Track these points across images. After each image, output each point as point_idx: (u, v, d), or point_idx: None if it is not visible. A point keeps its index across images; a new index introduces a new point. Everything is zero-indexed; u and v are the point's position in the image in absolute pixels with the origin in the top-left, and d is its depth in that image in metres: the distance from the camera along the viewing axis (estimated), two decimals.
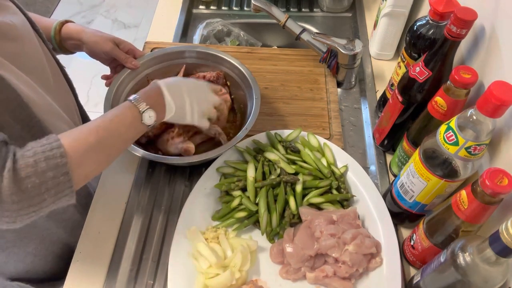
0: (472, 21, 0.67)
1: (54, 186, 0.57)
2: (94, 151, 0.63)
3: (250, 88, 0.93)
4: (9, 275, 0.88)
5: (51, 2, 3.03)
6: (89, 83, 2.53)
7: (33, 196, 0.56)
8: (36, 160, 0.56)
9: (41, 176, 0.56)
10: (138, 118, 0.70)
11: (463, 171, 0.67)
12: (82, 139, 0.62)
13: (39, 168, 0.56)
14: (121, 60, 0.93)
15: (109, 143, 0.66)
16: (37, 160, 0.56)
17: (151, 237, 0.85)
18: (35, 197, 0.56)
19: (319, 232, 0.78)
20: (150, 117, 0.71)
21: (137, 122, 0.70)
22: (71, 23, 0.92)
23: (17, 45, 0.70)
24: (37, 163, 0.56)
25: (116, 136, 0.67)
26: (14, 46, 0.69)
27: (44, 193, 0.56)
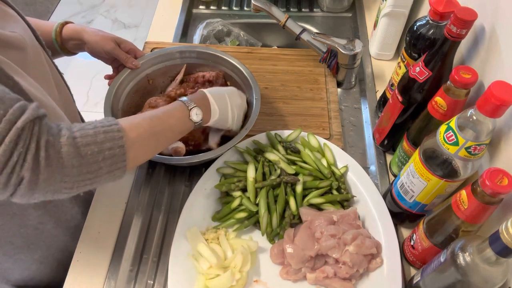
0: (472, 21, 0.67)
1: (110, 157, 0.61)
2: (146, 136, 0.68)
3: (250, 88, 0.93)
4: (14, 282, 0.88)
5: (51, 2, 3.03)
6: (89, 83, 2.53)
7: (91, 163, 0.59)
8: (95, 132, 0.60)
9: (100, 146, 0.60)
10: (186, 114, 0.76)
11: (463, 171, 0.67)
12: (137, 123, 0.67)
13: (98, 138, 0.60)
14: (121, 60, 0.93)
15: (159, 131, 0.70)
16: (97, 131, 0.60)
17: (151, 237, 0.85)
18: (93, 164, 0.59)
19: (319, 233, 0.78)
20: (197, 115, 0.77)
21: (186, 117, 0.76)
22: (71, 23, 0.92)
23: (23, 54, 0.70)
24: (97, 134, 0.60)
25: (166, 126, 0.72)
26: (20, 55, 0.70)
27: (101, 162, 0.60)
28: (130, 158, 0.64)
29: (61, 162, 0.56)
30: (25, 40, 0.72)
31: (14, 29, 0.70)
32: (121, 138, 0.62)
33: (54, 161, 0.56)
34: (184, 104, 0.77)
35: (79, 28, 0.91)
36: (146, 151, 0.69)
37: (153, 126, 0.69)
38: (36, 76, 0.73)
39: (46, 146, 0.56)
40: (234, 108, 0.86)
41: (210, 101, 0.81)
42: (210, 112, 0.81)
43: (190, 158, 0.85)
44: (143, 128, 0.67)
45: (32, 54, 0.74)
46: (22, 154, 0.54)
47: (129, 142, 0.64)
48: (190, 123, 0.77)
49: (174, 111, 0.75)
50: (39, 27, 0.87)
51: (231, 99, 0.86)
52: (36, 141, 0.55)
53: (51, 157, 0.56)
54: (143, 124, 0.68)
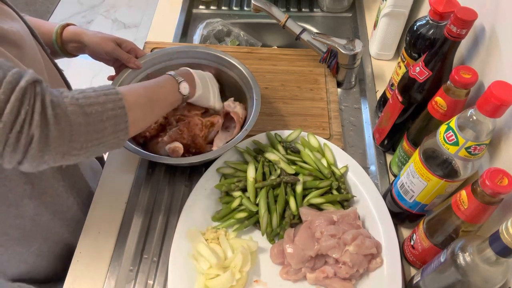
0: (472, 21, 0.67)
1: (113, 117, 0.63)
2: (143, 101, 0.71)
3: (251, 88, 0.93)
4: (11, 276, 0.88)
5: (51, 2, 3.03)
6: (89, 83, 2.53)
7: (97, 121, 0.61)
8: (97, 94, 0.63)
9: (102, 106, 0.62)
10: (175, 87, 0.81)
11: (463, 171, 0.67)
12: (133, 90, 0.72)
13: (100, 99, 0.62)
14: (123, 60, 0.93)
15: (154, 99, 0.74)
16: (98, 94, 0.63)
17: (151, 237, 0.85)
18: (98, 124, 0.61)
19: (319, 233, 0.78)
20: (185, 88, 0.83)
21: (175, 90, 0.81)
22: (72, 25, 0.92)
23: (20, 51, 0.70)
24: (98, 96, 0.63)
25: (159, 95, 0.77)
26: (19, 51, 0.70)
27: (105, 121, 0.62)
28: (131, 120, 0.66)
29: (68, 120, 0.58)
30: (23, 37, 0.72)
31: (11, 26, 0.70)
32: (121, 99, 0.65)
33: (62, 118, 0.57)
34: (173, 78, 0.82)
35: (79, 31, 0.91)
36: (144, 116, 0.72)
37: (147, 93, 0.73)
38: None
39: (52, 104, 0.57)
40: (214, 87, 0.94)
41: (195, 77, 0.87)
42: (195, 87, 0.87)
43: (190, 158, 0.85)
44: (139, 94, 0.71)
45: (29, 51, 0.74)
46: (29, 112, 0.54)
47: (128, 104, 0.66)
48: (179, 95, 0.82)
49: (165, 83, 0.80)
50: (40, 27, 0.87)
51: (210, 80, 0.94)
52: (41, 100, 0.56)
53: (59, 115, 0.57)
54: (139, 90, 0.72)
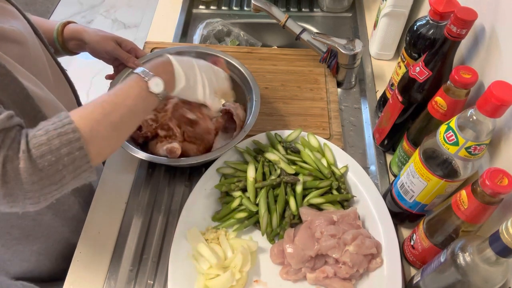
0: (472, 21, 0.67)
1: (71, 162, 0.57)
2: (102, 126, 0.61)
3: (250, 89, 0.93)
4: (14, 274, 0.88)
5: (51, 2, 3.03)
6: (89, 83, 2.53)
7: (51, 174, 0.56)
8: (49, 138, 0.56)
9: (56, 153, 0.56)
10: (144, 88, 0.67)
11: (463, 171, 0.67)
12: (88, 115, 0.61)
13: (53, 146, 0.56)
14: (122, 60, 0.93)
15: (116, 117, 0.63)
16: (50, 137, 0.56)
17: (151, 237, 0.85)
18: (54, 175, 0.56)
19: (319, 233, 0.78)
20: (157, 85, 0.68)
21: (145, 92, 0.67)
22: (73, 23, 0.92)
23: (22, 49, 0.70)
24: (50, 140, 0.56)
25: (123, 109, 0.64)
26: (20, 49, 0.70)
27: (62, 170, 0.56)
28: (93, 155, 0.59)
29: (19, 178, 0.54)
30: (25, 36, 0.72)
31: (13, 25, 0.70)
32: (79, 139, 0.57)
33: (11, 177, 0.53)
34: (139, 76, 0.68)
35: (80, 29, 0.91)
36: (109, 143, 0.64)
37: (106, 114, 0.62)
38: (34, 72, 0.73)
39: (4, 161, 0.53)
40: (206, 78, 0.78)
41: (175, 65, 0.73)
42: (174, 79, 0.72)
43: (190, 159, 0.85)
44: (95, 120, 0.61)
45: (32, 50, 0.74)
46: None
47: (88, 138, 0.58)
48: (152, 96, 0.68)
49: (129, 89, 0.67)
50: (41, 25, 0.88)
51: (202, 68, 0.78)
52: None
53: (8, 173, 0.53)
54: (94, 115, 0.61)
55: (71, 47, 0.93)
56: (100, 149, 0.61)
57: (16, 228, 0.79)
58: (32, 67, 0.72)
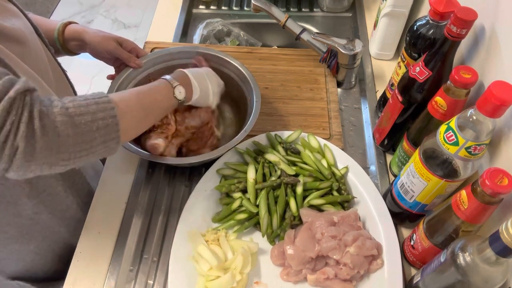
0: (472, 21, 0.67)
1: (103, 127, 0.62)
2: (136, 108, 0.69)
3: (251, 89, 0.93)
4: (9, 274, 0.88)
5: (51, 2, 3.03)
6: (89, 83, 2.53)
7: (86, 132, 0.60)
8: (87, 103, 0.61)
9: (93, 115, 0.61)
10: (171, 91, 0.78)
11: (463, 171, 0.67)
12: (126, 97, 0.70)
13: (91, 109, 0.61)
14: (124, 60, 0.93)
15: (147, 105, 0.73)
16: (89, 102, 0.61)
17: (151, 237, 0.85)
18: (88, 134, 0.60)
19: (320, 234, 0.78)
20: (181, 93, 0.79)
21: (170, 94, 0.78)
22: (74, 24, 0.92)
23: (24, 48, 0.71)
24: (89, 105, 0.61)
25: (153, 101, 0.75)
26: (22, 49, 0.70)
27: (95, 132, 0.61)
28: (122, 129, 0.65)
29: (56, 131, 0.57)
30: (26, 35, 0.72)
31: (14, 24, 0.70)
32: (113, 108, 0.63)
33: (49, 130, 0.56)
34: (168, 82, 0.79)
35: (81, 29, 0.91)
36: (136, 124, 0.71)
37: (141, 100, 0.72)
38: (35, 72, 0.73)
39: (40, 115, 0.56)
40: (214, 86, 0.89)
41: (191, 80, 0.83)
42: (192, 90, 0.83)
43: (190, 159, 0.85)
44: (132, 101, 0.69)
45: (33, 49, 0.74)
46: (15, 123, 0.54)
47: (120, 113, 0.64)
48: (175, 100, 0.79)
49: (160, 88, 0.77)
50: (42, 25, 0.88)
51: (210, 78, 0.89)
52: (29, 110, 0.55)
53: (46, 126, 0.56)
54: (131, 98, 0.70)
55: (72, 48, 0.93)
56: (128, 126, 0.68)
57: (13, 227, 0.79)
58: (34, 67, 0.72)
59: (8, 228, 0.79)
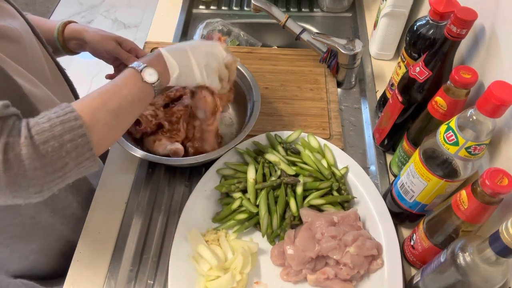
0: (472, 21, 0.67)
1: (73, 149, 0.57)
2: (101, 114, 0.62)
3: (251, 90, 0.93)
4: (13, 272, 0.88)
5: (51, 2, 3.04)
6: (89, 83, 2.53)
7: (55, 160, 0.56)
8: (51, 125, 0.56)
9: (59, 139, 0.56)
10: (139, 78, 0.69)
11: (463, 171, 0.67)
12: (88, 104, 0.62)
13: (56, 132, 0.56)
14: (123, 59, 0.93)
15: (114, 105, 0.64)
16: (53, 124, 0.56)
17: (151, 237, 0.85)
18: (57, 161, 0.56)
19: (320, 234, 0.78)
20: (151, 75, 0.70)
21: (140, 82, 0.69)
22: (74, 23, 0.93)
23: (19, 47, 0.70)
24: (53, 127, 0.56)
25: (120, 97, 0.66)
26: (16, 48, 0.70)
27: (65, 157, 0.56)
28: (95, 143, 0.60)
29: (22, 165, 0.53)
30: (21, 34, 0.72)
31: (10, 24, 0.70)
32: (81, 126, 0.58)
33: (14, 164, 0.53)
34: (133, 68, 0.70)
35: (81, 28, 0.92)
36: (110, 132, 0.65)
37: (106, 102, 0.64)
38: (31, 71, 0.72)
39: (5, 148, 0.53)
40: (200, 61, 0.78)
41: (165, 56, 0.74)
42: (167, 69, 0.74)
43: (190, 159, 0.85)
44: (95, 107, 0.62)
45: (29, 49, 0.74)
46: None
47: (89, 126, 0.59)
48: (147, 86, 0.70)
49: (125, 80, 0.68)
50: (42, 25, 0.88)
51: (195, 52, 0.78)
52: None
53: (10, 160, 0.53)
54: (96, 104, 0.63)
55: (72, 47, 0.94)
56: (101, 137, 0.62)
57: (15, 226, 0.79)
58: (29, 66, 0.72)
59: (10, 228, 0.79)
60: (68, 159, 0.57)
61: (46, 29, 0.89)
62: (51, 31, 0.91)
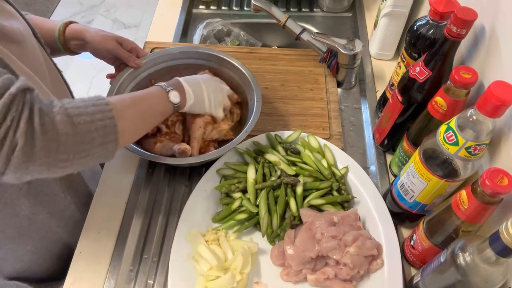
0: (472, 21, 0.67)
1: (102, 127, 0.62)
2: (132, 112, 0.70)
3: (251, 90, 0.93)
4: (7, 274, 0.87)
5: (51, 2, 3.03)
6: (89, 83, 2.53)
7: (85, 132, 0.60)
8: (86, 104, 0.62)
9: (91, 116, 0.61)
10: (165, 96, 0.79)
11: (463, 171, 0.67)
12: (123, 100, 0.70)
13: (89, 110, 0.61)
14: (124, 59, 0.93)
15: (143, 109, 0.73)
16: (87, 104, 0.62)
17: (151, 237, 0.85)
18: (87, 134, 0.60)
19: (320, 234, 0.78)
20: (175, 97, 0.80)
21: (165, 99, 0.79)
22: (75, 23, 0.93)
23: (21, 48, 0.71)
24: (87, 106, 0.61)
25: (149, 105, 0.76)
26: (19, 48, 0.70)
27: (94, 132, 0.61)
28: (120, 131, 0.65)
29: (55, 129, 0.56)
30: (23, 35, 0.72)
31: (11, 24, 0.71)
32: (111, 110, 0.64)
33: (49, 128, 0.56)
34: (161, 87, 0.80)
35: (81, 28, 0.92)
36: (134, 126, 0.71)
37: (137, 103, 0.72)
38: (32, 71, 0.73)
39: (40, 113, 0.56)
40: (210, 93, 0.89)
41: (185, 86, 0.84)
42: (185, 97, 0.84)
43: (190, 159, 0.85)
44: (128, 104, 0.70)
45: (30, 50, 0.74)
46: (15, 119, 0.53)
47: (118, 114, 0.65)
48: (170, 104, 0.79)
49: (154, 93, 0.78)
50: (42, 25, 0.88)
51: (206, 85, 0.89)
52: (29, 107, 0.55)
53: (46, 124, 0.56)
54: (128, 101, 0.71)
55: (73, 47, 0.94)
56: (125, 129, 0.67)
57: (10, 227, 0.79)
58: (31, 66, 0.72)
59: (6, 228, 0.79)
60: (96, 134, 0.61)
61: (47, 29, 0.89)
62: (52, 31, 0.91)
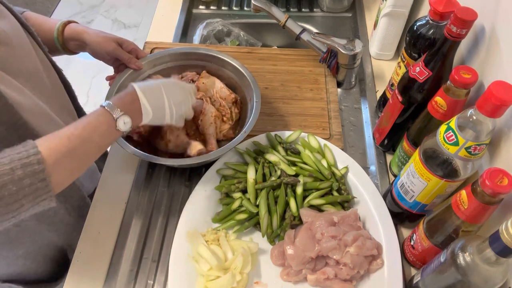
0: (472, 21, 0.67)
1: (31, 192, 0.57)
2: (67, 159, 0.62)
3: (251, 90, 0.93)
4: (1, 277, 0.87)
5: (51, 2, 3.03)
6: (89, 83, 2.53)
7: (11, 202, 0.55)
8: (12, 168, 0.55)
9: (18, 183, 0.55)
10: (112, 125, 0.68)
11: (463, 171, 0.67)
12: (55, 147, 0.61)
13: (16, 176, 0.55)
14: (124, 61, 0.93)
15: (81, 151, 0.64)
16: (14, 167, 0.55)
17: (151, 238, 0.85)
18: (13, 204, 0.56)
19: (320, 234, 0.78)
20: (125, 124, 0.69)
21: (112, 129, 0.68)
22: (74, 23, 0.92)
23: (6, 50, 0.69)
24: (14, 170, 0.55)
25: (89, 143, 0.65)
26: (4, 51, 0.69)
27: (22, 199, 0.56)
28: (54, 185, 0.60)
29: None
30: (9, 36, 0.70)
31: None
32: (42, 171, 0.57)
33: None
34: (108, 113, 0.68)
35: (81, 29, 0.91)
36: (71, 174, 0.64)
37: (72, 148, 0.62)
38: (21, 73, 0.71)
39: None
40: (172, 104, 0.78)
41: (142, 102, 0.73)
42: (141, 115, 0.73)
43: (190, 160, 0.85)
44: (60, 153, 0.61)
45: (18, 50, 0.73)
46: None
47: (51, 170, 0.59)
48: (118, 133, 0.70)
49: (97, 124, 0.67)
50: (41, 24, 0.87)
51: (169, 93, 0.77)
52: None
53: None
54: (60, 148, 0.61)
55: (71, 47, 0.93)
56: (62, 179, 0.62)
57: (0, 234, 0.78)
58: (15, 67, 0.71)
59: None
60: (24, 201, 0.57)
61: (46, 28, 0.88)
62: (51, 30, 0.90)
